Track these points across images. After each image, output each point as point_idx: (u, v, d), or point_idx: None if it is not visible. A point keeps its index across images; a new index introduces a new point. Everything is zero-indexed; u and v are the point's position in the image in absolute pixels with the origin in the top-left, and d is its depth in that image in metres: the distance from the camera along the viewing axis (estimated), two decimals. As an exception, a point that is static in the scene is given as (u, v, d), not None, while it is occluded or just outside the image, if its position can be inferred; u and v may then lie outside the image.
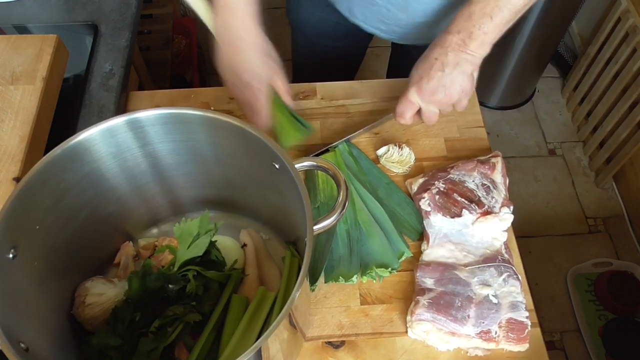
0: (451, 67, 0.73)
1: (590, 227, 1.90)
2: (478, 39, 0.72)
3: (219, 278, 0.71)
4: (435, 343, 0.72)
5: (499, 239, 0.78)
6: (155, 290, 0.68)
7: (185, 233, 0.71)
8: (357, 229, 0.80)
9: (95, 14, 1.03)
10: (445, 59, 0.73)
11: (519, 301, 0.72)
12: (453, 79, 0.73)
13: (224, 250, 0.75)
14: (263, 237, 0.78)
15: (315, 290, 0.77)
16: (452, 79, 0.73)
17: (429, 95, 0.75)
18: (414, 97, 0.77)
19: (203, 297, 0.68)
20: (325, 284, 0.77)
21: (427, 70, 0.74)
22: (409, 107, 0.78)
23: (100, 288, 0.64)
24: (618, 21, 1.82)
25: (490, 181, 0.82)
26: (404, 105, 0.78)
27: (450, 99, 0.75)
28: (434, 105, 0.77)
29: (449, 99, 0.75)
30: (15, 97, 0.81)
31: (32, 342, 0.51)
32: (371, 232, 0.80)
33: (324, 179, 0.83)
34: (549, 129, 2.15)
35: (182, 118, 0.61)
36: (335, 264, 0.78)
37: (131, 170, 0.66)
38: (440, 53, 0.73)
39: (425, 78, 0.74)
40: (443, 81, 0.74)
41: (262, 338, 0.49)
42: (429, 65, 0.74)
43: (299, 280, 0.52)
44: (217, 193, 0.74)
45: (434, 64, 0.73)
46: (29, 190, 0.55)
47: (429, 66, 0.74)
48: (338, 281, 0.76)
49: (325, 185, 0.84)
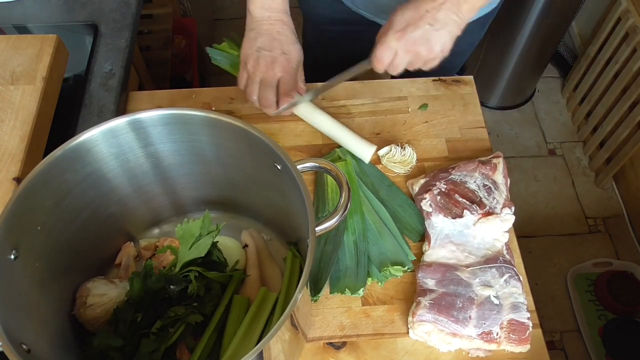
0: (441, 24, 0.72)
1: (590, 227, 1.90)
2: (470, 3, 0.72)
3: (221, 279, 0.71)
4: (437, 344, 0.72)
5: (501, 240, 0.78)
6: (156, 290, 0.68)
7: (187, 234, 0.71)
8: (365, 240, 0.79)
9: (95, 14, 1.02)
10: (436, 14, 0.71)
11: (521, 302, 0.72)
12: (439, 36, 0.72)
13: (225, 251, 0.74)
14: (264, 237, 0.78)
15: (317, 300, 0.76)
16: (438, 36, 0.72)
17: (410, 44, 0.73)
18: (394, 43, 0.74)
19: (204, 298, 0.68)
20: (327, 285, 0.77)
21: (415, 20, 0.72)
22: (389, 53, 0.75)
23: (102, 289, 0.64)
24: (618, 21, 1.82)
25: (491, 182, 0.82)
26: (384, 50, 0.75)
27: (429, 54, 0.74)
28: (410, 55, 0.74)
29: (428, 53, 0.74)
30: (15, 97, 0.81)
31: (34, 343, 0.51)
32: (383, 231, 0.79)
33: (334, 188, 0.83)
34: (549, 129, 2.15)
35: (184, 119, 0.61)
36: (341, 275, 0.77)
37: (133, 170, 0.66)
38: (433, 7, 0.72)
39: (412, 26, 0.72)
40: (429, 35, 0.72)
41: (264, 340, 0.49)
42: (419, 15, 0.72)
43: (301, 281, 0.52)
44: (219, 193, 0.73)
45: (424, 16, 0.72)
46: (30, 191, 0.55)
47: (418, 16, 0.72)
48: (344, 293, 0.75)
49: (334, 194, 0.83)
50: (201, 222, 0.71)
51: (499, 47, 1.97)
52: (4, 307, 0.50)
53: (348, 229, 0.79)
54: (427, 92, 0.97)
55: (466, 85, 0.98)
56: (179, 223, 0.72)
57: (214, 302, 0.68)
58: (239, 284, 0.72)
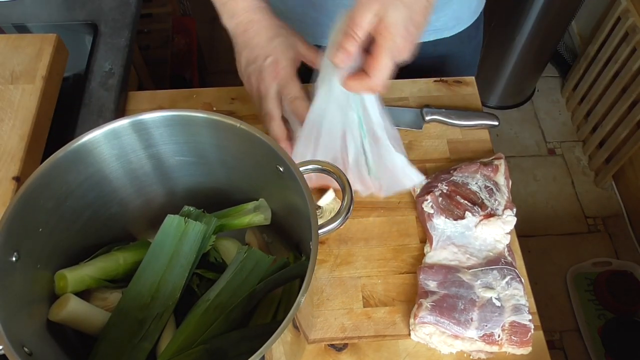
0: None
1: (589, 226, 1.91)
2: None
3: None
4: (438, 346, 0.72)
5: (502, 242, 0.78)
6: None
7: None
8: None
9: (95, 13, 1.02)
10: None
11: (522, 304, 0.72)
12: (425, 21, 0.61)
13: (223, 252, 0.74)
14: (266, 238, 0.78)
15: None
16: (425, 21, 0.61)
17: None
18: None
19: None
20: (328, 287, 0.77)
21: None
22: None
23: (104, 292, 0.64)
24: (618, 20, 1.82)
25: (493, 183, 0.82)
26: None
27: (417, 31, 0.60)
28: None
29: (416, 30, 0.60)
30: (14, 96, 0.80)
31: (36, 346, 0.51)
32: None
33: None
34: (548, 129, 2.15)
35: (187, 120, 0.61)
36: None
37: (135, 172, 0.66)
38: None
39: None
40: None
41: (268, 343, 0.48)
42: None
43: (304, 284, 0.51)
44: (221, 195, 0.73)
45: None
46: (32, 193, 0.54)
47: None
48: None
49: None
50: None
51: (498, 47, 1.97)
52: (6, 310, 0.50)
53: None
54: (429, 92, 0.97)
55: (467, 85, 0.98)
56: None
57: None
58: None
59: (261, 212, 0.70)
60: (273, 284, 0.64)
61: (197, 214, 0.68)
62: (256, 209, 0.70)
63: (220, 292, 0.62)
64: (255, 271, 0.64)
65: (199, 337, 0.59)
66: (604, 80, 1.90)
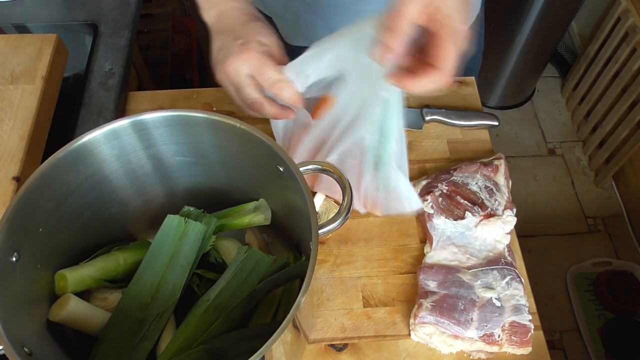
0: None
1: (589, 226, 1.91)
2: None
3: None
4: (438, 346, 0.72)
5: (502, 242, 0.78)
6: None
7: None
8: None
9: (95, 13, 1.02)
10: None
11: (522, 304, 0.72)
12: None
13: (223, 252, 0.74)
14: (266, 238, 0.78)
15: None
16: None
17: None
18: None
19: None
20: (328, 287, 0.77)
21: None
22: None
23: (104, 292, 0.64)
24: (618, 21, 1.82)
25: (493, 183, 0.82)
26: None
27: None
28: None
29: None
30: (14, 96, 0.80)
31: (36, 346, 0.51)
32: None
33: None
34: (548, 129, 2.15)
35: (187, 120, 0.61)
36: None
37: (135, 172, 0.66)
38: None
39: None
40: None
41: (268, 343, 0.48)
42: None
43: (304, 284, 0.51)
44: (221, 195, 0.73)
45: None
46: (32, 193, 0.54)
47: None
48: None
49: None
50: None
51: (498, 47, 1.97)
52: (6, 310, 0.50)
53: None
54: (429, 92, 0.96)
55: (467, 86, 0.98)
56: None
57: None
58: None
59: (261, 212, 0.70)
60: (273, 284, 0.64)
61: (197, 214, 0.68)
62: (256, 209, 0.70)
63: (220, 292, 0.62)
64: (255, 271, 0.64)
65: (199, 337, 0.59)
66: (604, 80, 1.90)
